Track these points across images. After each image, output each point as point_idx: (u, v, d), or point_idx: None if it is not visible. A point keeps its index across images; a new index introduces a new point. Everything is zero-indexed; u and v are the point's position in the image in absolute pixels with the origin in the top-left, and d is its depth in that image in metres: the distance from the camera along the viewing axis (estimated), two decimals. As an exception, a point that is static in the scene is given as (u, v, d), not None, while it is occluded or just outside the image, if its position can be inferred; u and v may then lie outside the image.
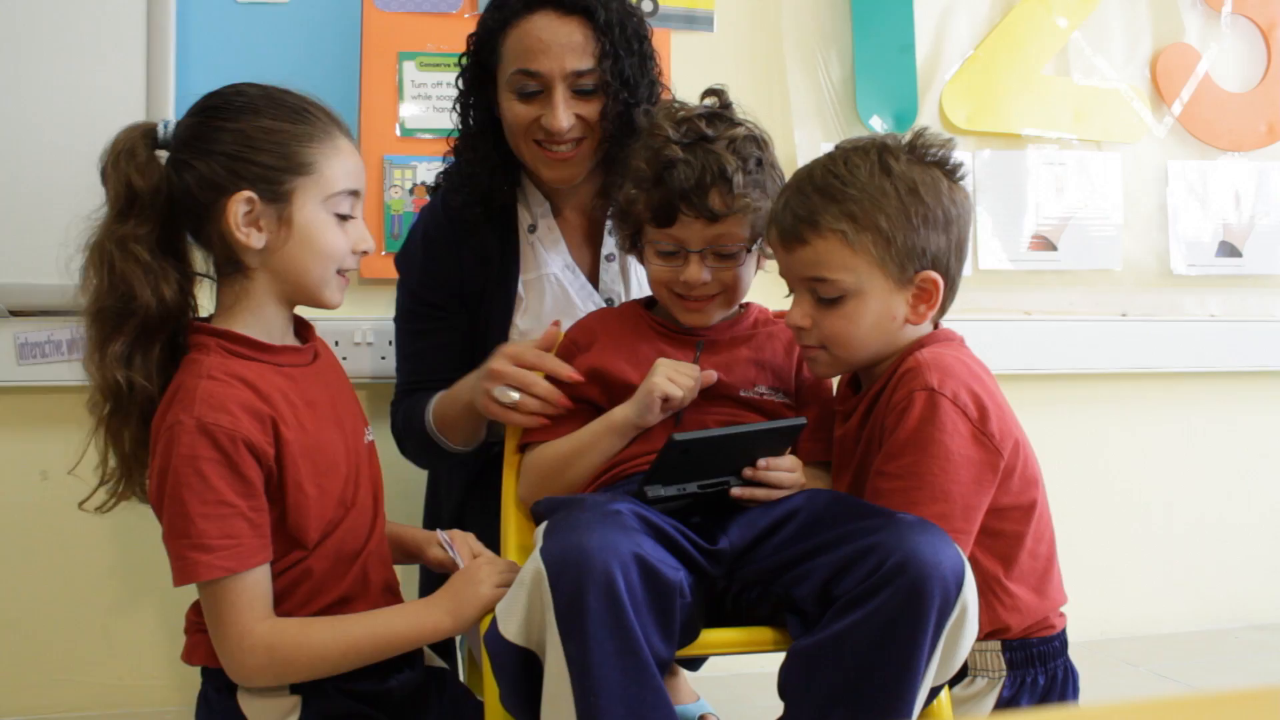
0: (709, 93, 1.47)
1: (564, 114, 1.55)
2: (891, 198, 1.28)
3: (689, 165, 1.37)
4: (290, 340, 1.31)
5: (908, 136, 1.34)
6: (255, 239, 1.22)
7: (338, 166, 1.26)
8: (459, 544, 1.41)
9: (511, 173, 1.66)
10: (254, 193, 1.21)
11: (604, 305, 1.68)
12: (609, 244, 1.69)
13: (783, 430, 1.30)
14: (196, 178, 1.21)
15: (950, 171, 1.34)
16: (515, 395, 1.42)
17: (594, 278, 1.70)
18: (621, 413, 1.39)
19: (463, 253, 1.66)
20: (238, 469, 1.17)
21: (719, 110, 1.44)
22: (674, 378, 1.36)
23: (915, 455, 1.25)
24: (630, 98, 1.56)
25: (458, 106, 1.67)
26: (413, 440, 1.66)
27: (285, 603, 1.23)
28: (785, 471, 1.30)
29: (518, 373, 1.43)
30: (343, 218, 1.27)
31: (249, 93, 1.25)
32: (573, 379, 1.43)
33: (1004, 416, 1.30)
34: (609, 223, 1.64)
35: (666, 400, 1.36)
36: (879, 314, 1.31)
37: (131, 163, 1.19)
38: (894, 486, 1.26)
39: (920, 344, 1.33)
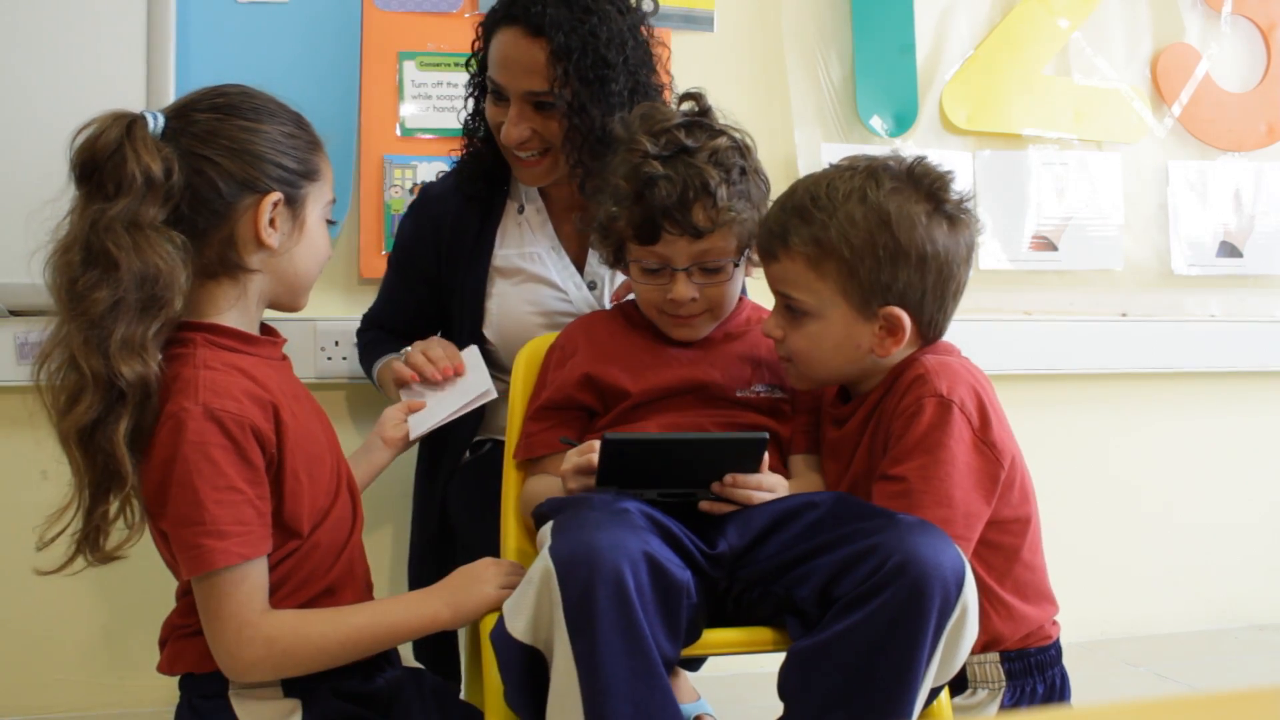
0: (686, 97, 1.43)
1: (515, 129, 1.60)
2: (860, 228, 1.25)
3: (670, 181, 1.33)
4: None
5: (908, 159, 1.31)
6: (274, 239, 1.24)
7: (330, 175, 1.32)
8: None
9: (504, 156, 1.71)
10: (281, 195, 1.23)
11: (585, 286, 1.71)
12: None
13: (739, 442, 1.25)
14: (224, 176, 1.20)
15: (939, 206, 1.28)
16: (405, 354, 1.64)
17: (580, 259, 1.73)
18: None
19: (440, 234, 1.73)
20: (245, 455, 1.17)
21: (697, 117, 1.40)
22: (574, 469, 1.29)
23: (922, 459, 1.24)
24: (582, 124, 1.57)
25: (471, 86, 1.72)
26: (365, 367, 1.84)
27: (279, 591, 1.22)
28: (754, 490, 1.25)
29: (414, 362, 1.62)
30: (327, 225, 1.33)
31: (257, 95, 1.26)
32: (447, 371, 1.60)
33: (1004, 428, 1.30)
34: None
35: (578, 473, 1.28)
36: (840, 340, 1.30)
37: (146, 150, 1.16)
38: (898, 489, 1.25)
39: (921, 352, 1.33)
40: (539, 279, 1.70)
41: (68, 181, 1.18)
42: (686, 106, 1.42)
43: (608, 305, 1.71)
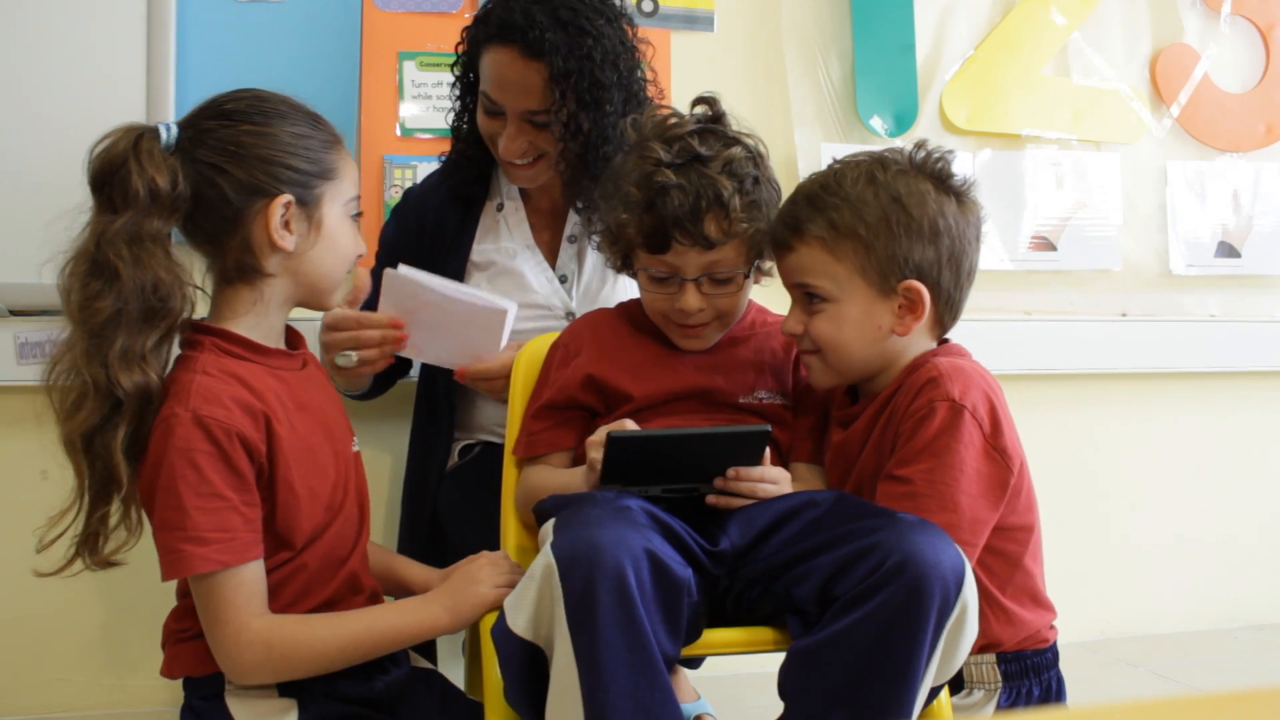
0: (700, 101, 1.42)
1: (513, 145, 1.62)
2: (872, 206, 1.28)
3: (683, 191, 1.32)
4: (281, 346, 1.32)
5: (909, 148, 1.33)
6: (288, 242, 1.24)
7: (351, 172, 1.31)
8: None
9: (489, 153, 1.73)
10: (292, 196, 1.23)
11: (556, 281, 1.72)
12: (571, 226, 1.74)
13: (741, 435, 1.25)
14: (232, 182, 1.21)
15: (944, 183, 1.31)
16: (354, 356, 1.51)
17: (552, 257, 1.75)
18: (581, 481, 1.33)
19: (423, 230, 1.74)
20: (231, 462, 1.17)
21: (711, 123, 1.39)
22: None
23: (930, 463, 1.24)
24: (575, 144, 1.59)
25: (457, 87, 1.73)
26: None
27: (272, 602, 1.22)
28: (757, 482, 1.25)
29: (345, 336, 1.51)
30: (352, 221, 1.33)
31: (269, 98, 1.26)
32: (395, 324, 1.50)
33: (1014, 434, 1.30)
34: (573, 207, 1.72)
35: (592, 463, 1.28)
36: (861, 321, 1.31)
37: (151, 163, 1.18)
38: (903, 490, 1.25)
39: (933, 354, 1.33)
40: (512, 272, 1.71)
41: (71, 184, 1.20)
42: (699, 111, 1.41)
43: (574, 300, 1.72)
